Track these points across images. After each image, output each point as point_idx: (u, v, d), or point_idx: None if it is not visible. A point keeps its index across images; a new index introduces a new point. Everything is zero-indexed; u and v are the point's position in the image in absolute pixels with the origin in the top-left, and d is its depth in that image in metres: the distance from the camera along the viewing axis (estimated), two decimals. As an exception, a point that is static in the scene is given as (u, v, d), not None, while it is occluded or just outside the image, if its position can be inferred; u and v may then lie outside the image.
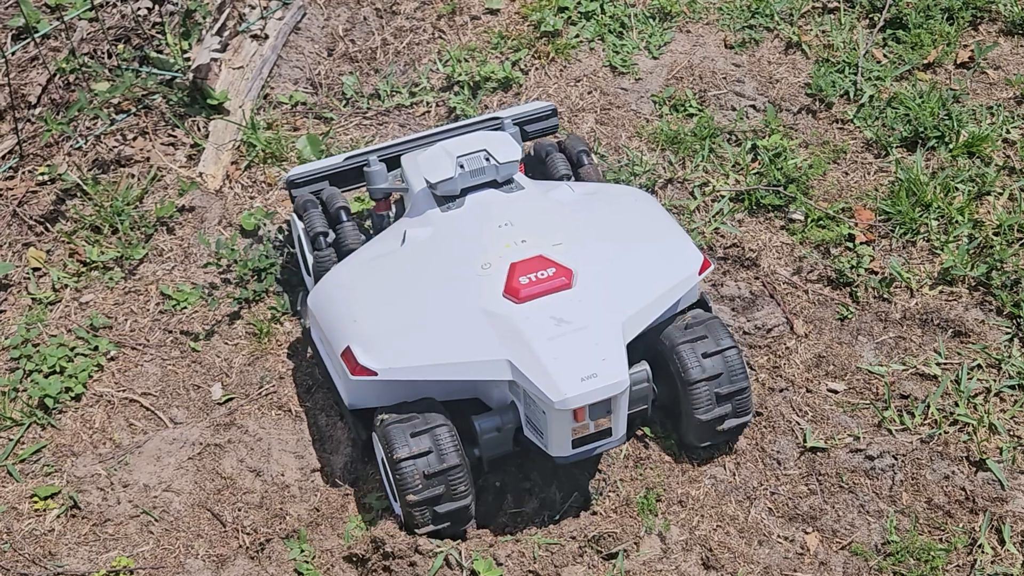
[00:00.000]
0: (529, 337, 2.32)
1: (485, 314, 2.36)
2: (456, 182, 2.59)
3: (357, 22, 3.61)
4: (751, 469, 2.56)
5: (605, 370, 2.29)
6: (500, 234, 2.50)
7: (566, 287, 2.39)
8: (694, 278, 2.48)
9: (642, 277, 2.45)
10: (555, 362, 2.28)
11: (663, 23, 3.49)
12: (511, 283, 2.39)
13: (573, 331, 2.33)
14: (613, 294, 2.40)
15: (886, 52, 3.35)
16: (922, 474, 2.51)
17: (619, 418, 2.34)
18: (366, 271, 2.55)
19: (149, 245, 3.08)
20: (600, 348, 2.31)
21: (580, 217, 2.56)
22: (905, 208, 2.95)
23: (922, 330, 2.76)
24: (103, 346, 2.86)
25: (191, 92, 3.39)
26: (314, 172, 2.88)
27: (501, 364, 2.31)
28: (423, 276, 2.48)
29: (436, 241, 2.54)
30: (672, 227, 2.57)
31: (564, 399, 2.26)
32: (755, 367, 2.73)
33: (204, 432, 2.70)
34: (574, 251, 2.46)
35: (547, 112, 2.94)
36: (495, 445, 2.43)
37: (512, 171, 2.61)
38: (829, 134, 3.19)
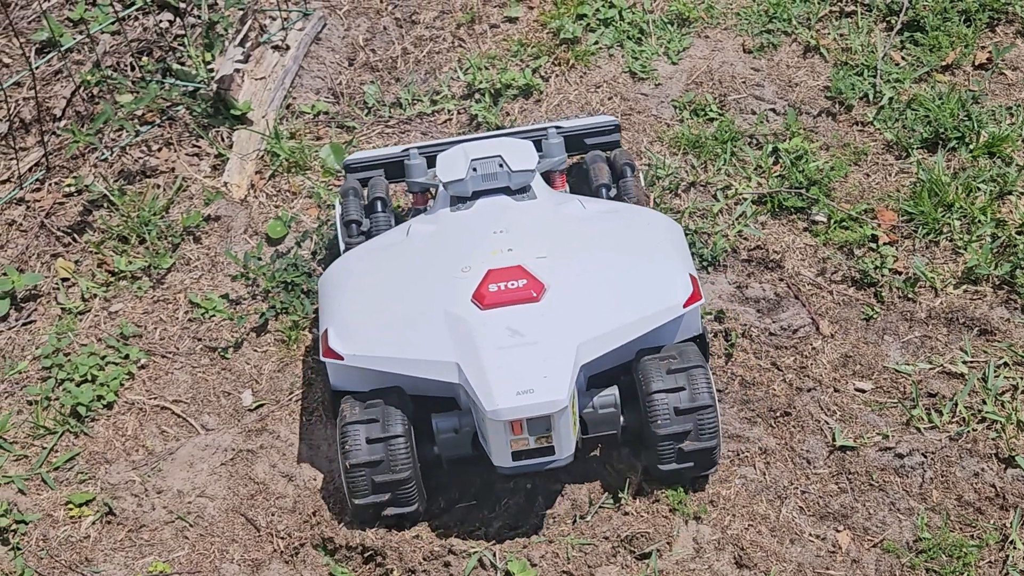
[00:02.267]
0: (480, 344, 2.34)
1: (448, 316, 2.40)
2: (467, 184, 2.64)
3: (377, 32, 3.64)
4: (781, 468, 2.57)
5: (543, 387, 2.29)
6: (491, 240, 2.54)
7: (532, 300, 2.40)
8: (676, 310, 2.44)
9: (616, 301, 2.42)
10: (496, 371, 2.31)
11: (681, 29, 3.51)
12: (480, 289, 2.42)
13: (524, 344, 2.34)
14: (578, 314, 2.39)
15: (904, 55, 3.38)
16: (952, 471, 2.53)
17: (561, 437, 2.34)
18: (366, 259, 2.64)
19: (176, 254, 3.11)
20: (546, 365, 2.32)
21: (578, 233, 2.56)
22: (927, 209, 2.97)
23: (947, 329, 2.77)
24: (133, 354, 2.88)
25: (214, 103, 3.42)
26: (371, 160, 2.94)
27: (450, 366, 2.35)
28: (408, 271, 2.54)
29: (434, 239, 2.61)
30: (673, 255, 2.52)
31: (496, 409, 2.28)
32: (782, 367, 2.75)
33: (236, 438, 2.72)
34: (555, 266, 2.46)
35: (609, 127, 2.95)
36: (452, 446, 2.45)
37: (525, 180, 2.64)
38: (849, 136, 3.21)
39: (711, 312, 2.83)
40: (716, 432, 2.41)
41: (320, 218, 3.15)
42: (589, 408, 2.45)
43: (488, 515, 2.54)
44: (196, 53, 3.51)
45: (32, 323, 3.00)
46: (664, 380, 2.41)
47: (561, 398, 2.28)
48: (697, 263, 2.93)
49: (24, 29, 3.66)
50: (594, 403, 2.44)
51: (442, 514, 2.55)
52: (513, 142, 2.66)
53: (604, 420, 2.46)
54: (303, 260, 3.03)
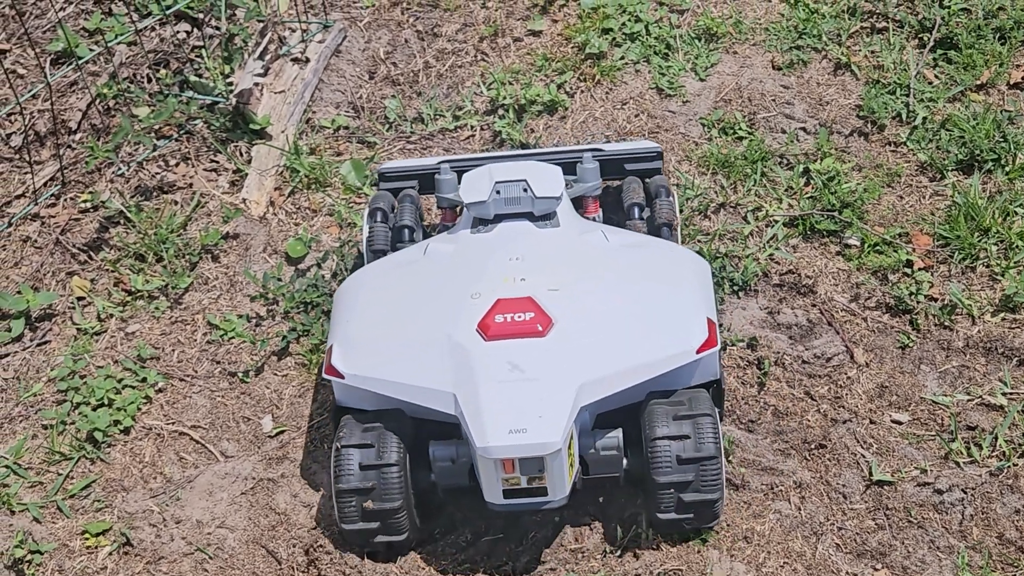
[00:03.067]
0: (479, 376, 2.28)
1: (451, 343, 2.34)
2: (489, 207, 2.58)
3: (398, 44, 3.58)
4: (816, 503, 2.50)
5: (537, 428, 2.21)
6: (505, 267, 2.47)
7: (537, 335, 2.33)
8: (687, 355, 2.35)
9: (626, 343, 2.34)
10: (491, 407, 2.24)
11: (709, 44, 3.45)
12: (487, 318, 2.35)
13: (523, 380, 2.27)
14: (583, 353, 2.31)
15: (937, 72, 3.31)
16: (992, 508, 2.46)
17: (555, 479, 2.27)
18: (381, 275, 2.59)
19: (194, 273, 3.04)
20: (543, 404, 2.24)
21: (596, 267, 2.49)
22: (963, 233, 2.90)
23: (986, 359, 2.71)
24: (151, 378, 2.82)
25: (233, 117, 3.35)
26: (405, 170, 2.89)
27: (447, 396, 2.29)
28: (419, 292, 2.49)
29: (450, 260, 2.55)
30: (693, 297, 2.43)
31: (486, 447, 2.21)
32: (816, 397, 2.68)
33: (256, 466, 2.66)
34: (566, 300, 2.39)
35: (652, 153, 2.87)
36: (449, 475, 2.38)
37: (549, 207, 2.57)
38: (882, 157, 3.14)
39: (743, 339, 2.77)
40: (719, 485, 2.32)
41: (341, 237, 3.09)
42: (591, 449, 2.37)
43: (515, 549, 2.48)
44: (214, 65, 3.45)
45: (47, 343, 2.94)
46: (669, 427, 2.33)
47: (554, 440, 2.21)
48: (727, 288, 2.86)
49: (39, 39, 3.60)
50: (596, 444, 2.36)
51: (468, 547, 2.48)
52: (540, 167, 2.59)
53: (606, 462, 2.38)
54: (323, 281, 2.97)
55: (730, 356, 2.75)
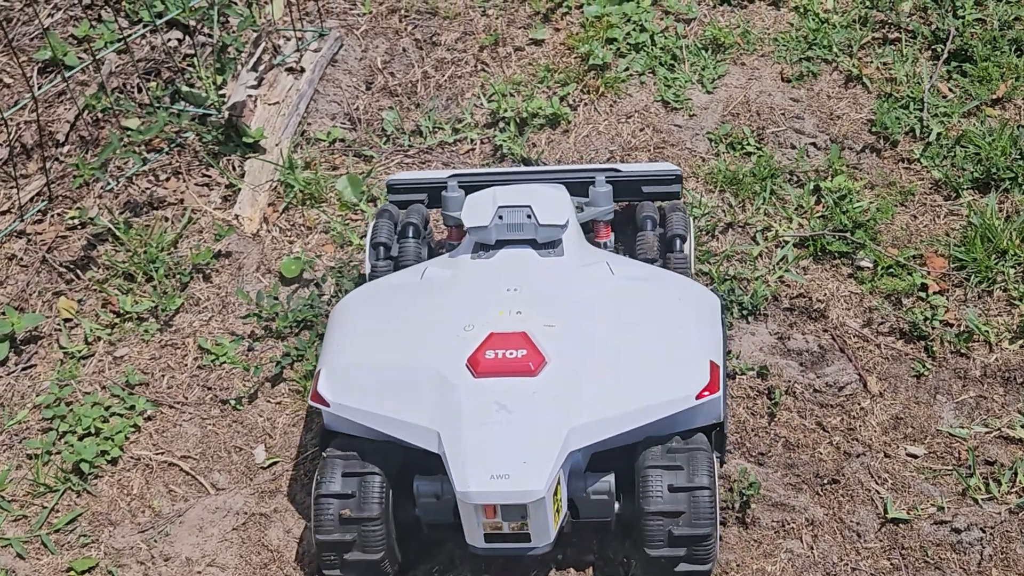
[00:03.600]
0: (465, 416, 2.18)
1: (439, 378, 2.24)
2: (491, 232, 2.48)
3: (396, 54, 3.47)
4: (829, 542, 2.41)
5: (520, 474, 2.11)
6: (502, 298, 2.37)
7: (528, 374, 2.22)
8: (686, 401, 2.22)
9: (621, 385, 2.22)
10: (475, 450, 2.14)
11: (716, 55, 3.35)
12: (477, 353, 2.25)
13: (509, 422, 2.16)
14: (576, 396, 2.20)
15: (951, 86, 3.21)
16: (1012, 548, 2.37)
17: (538, 525, 2.16)
18: (376, 297, 2.50)
19: (185, 294, 2.95)
20: (528, 449, 2.13)
21: (596, 303, 2.37)
22: (980, 256, 2.81)
23: (1004, 389, 2.61)
24: (140, 405, 2.73)
25: (226, 130, 3.25)
26: (415, 182, 2.81)
27: (431, 434, 2.19)
28: (412, 319, 2.39)
29: (446, 287, 2.46)
30: (697, 338, 2.32)
31: (466, 492, 2.11)
32: (828, 428, 2.59)
33: (248, 500, 2.56)
34: (563, 337, 2.28)
35: (670, 176, 2.75)
36: (434, 511, 2.28)
37: (552, 235, 2.47)
38: (895, 174, 3.05)
39: (753, 368, 2.67)
40: (712, 519, 2.19)
41: (337, 257, 2.99)
42: (582, 493, 2.26)
43: (516, 589, 2.39)
44: (207, 75, 3.34)
45: (32, 367, 2.84)
46: (662, 458, 2.23)
47: (537, 489, 2.11)
48: (736, 312, 2.77)
49: (25, 47, 3.50)
50: (587, 488, 2.26)
51: (468, 587, 2.39)
52: (547, 192, 2.49)
53: (596, 506, 2.27)
54: (319, 302, 2.87)
55: (739, 385, 2.65)
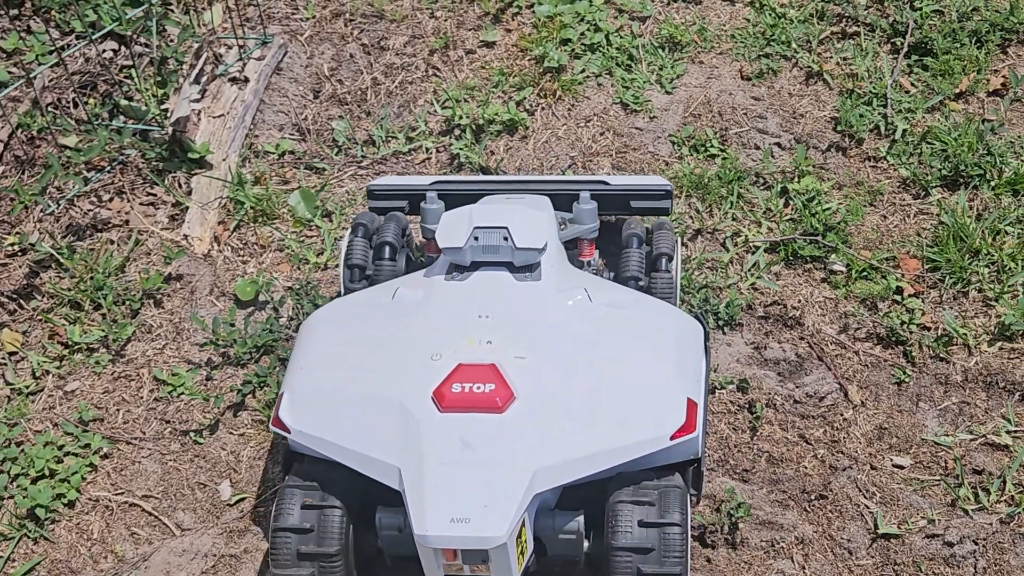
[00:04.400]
0: (426, 453, 2.08)
1: (403, 411, 2.14)
2: (466, 254, 2.37)
3: (343, 60, 3.36)
4: (821, 561, 2.36)
5: (481, 519, 2.01)
6: (472, 326, 2.26)
7: (495, 410, 2.11)
8: (659, 442, 2.12)
9: (592, 424, 2.12)
10: (435, 491, 2.04)
11: (673, 54, 3.27)
12: (443, 386, 2.14)
13: (473, 462, 2.06)
14: (543, 435, 2.10)
15: (913, 80, 3.16)
16: (1005, 559, 2.33)
17: (500, 568, 2.06)
18: (345, 317, 2.39)
19: (136, 321, 2.82)
20: (491, 492, 2.03)
21: (571, 333, 2.26)
22: (953, 256, 2.76)
23: (987, 393, 2.57)
24: (95, 443, 2.60)
25: (169, 146, 3.12)
26: (395, 188, 2.68)
27: (392, 470, 2.09)
28: (380, 344, 2.28)
29: (416, 309, 2.35)
30: (675, 372, 2.21)
31: (424, 535, 2.02)
32: (811, 441, 2.53)
33: (216, 540, 2.45)
34: (533, 371, 2.17)
35: (660, 190, 2.62)
36: (396, 543, 2.20)
37: (529, 259, 2.35)
38: (862, 173, 2.99)
39: (733, 381, 2.60)
40: (682, 558, 2.08)
41: (295, 276, 2.88)
42: (549, 531, 2.17)
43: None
44: (146, 87, 3.20)
45: (-22, 406, 2.70)
46: (633, 493, 2.14)
47: (499, 535, 2.01)
48: (712, 323, 2.70)
49: (-48, 63, 3.33)
50: (556, 525, 2.17)
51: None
52: (526, 214, 2.38)
53: (565, 544, 2.18)
54: (278, 326, 2.76)
55: (719, 400, 2.59)
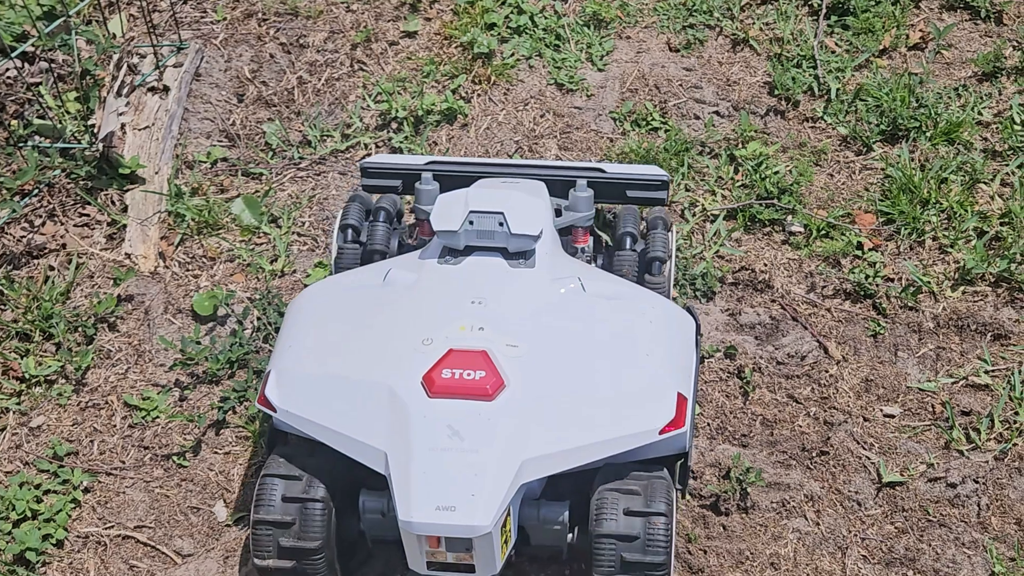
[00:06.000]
0: (413, 439, 2.06)
1: (392, 395, 2.12)
2: (460, 238, 2.34)
3: (263, 61, 3.27)
4: (833, 515, 2.40)
5: (467, 507, 2.00)
6: (464, 311, 2.24)
7: (485, 397, 2.09)
8: (648, 436, 2.11)
9: (582, 416, 2.10)
10: (422, 477, 2.03)
11: (600, 31, 3.28)
12: (433, 371, 2.12)
13: (461, 450, 2.05)
14: (532, 425, 2.08)
15: (837, 41, 3.23)
16: (1005, 494, 2.41)
17: (484, 557, 2.06)
18: (336, 297, 2.36)
19: (93, 348, 2.70)
20: (477, 481, 2.02)
21: (564, 322, 2.24)
22: (906, 208, 2.84)
23: (960, 337, 2.65)
24: (75, 477, 2.48)
25: (97, 163, 2.99)
26: (390, 167, 2.63)
27: (379, 455, 2.07)
28: (369, 327, 2.26)
29: (408, 293, 2.32)
30: (667, 366, 2.20)
31: (409, 522, 2.01)
32: (801, 400, 2.57)
33: (220, 564, 2.37)
34: (525, 359, 2.15)
35: (657, 181, 2.58)
36: (379, 527, 2.18)
37: (524, 245, 2.32)
38: (803, 135, 3.05)
39: (720, 349, 2.63)
40: (667, 548, 2.07)
41: (251, 286, 2.80)
42: (534, 520, 2.16)
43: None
44: (58, 105, 3.06)
45: (-63, 452, 2.55)
46: (620, 483, 2.13)
47: (484, 524, 1.99)
48: (691, 293, 2.72)
49: None
50: (540, 515, 2.15)
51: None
52: (523, 200, 2.35)
53: (549, 534, 2.17)
54: (247, 339, 2.67)
55: (709, 368, 2.61)
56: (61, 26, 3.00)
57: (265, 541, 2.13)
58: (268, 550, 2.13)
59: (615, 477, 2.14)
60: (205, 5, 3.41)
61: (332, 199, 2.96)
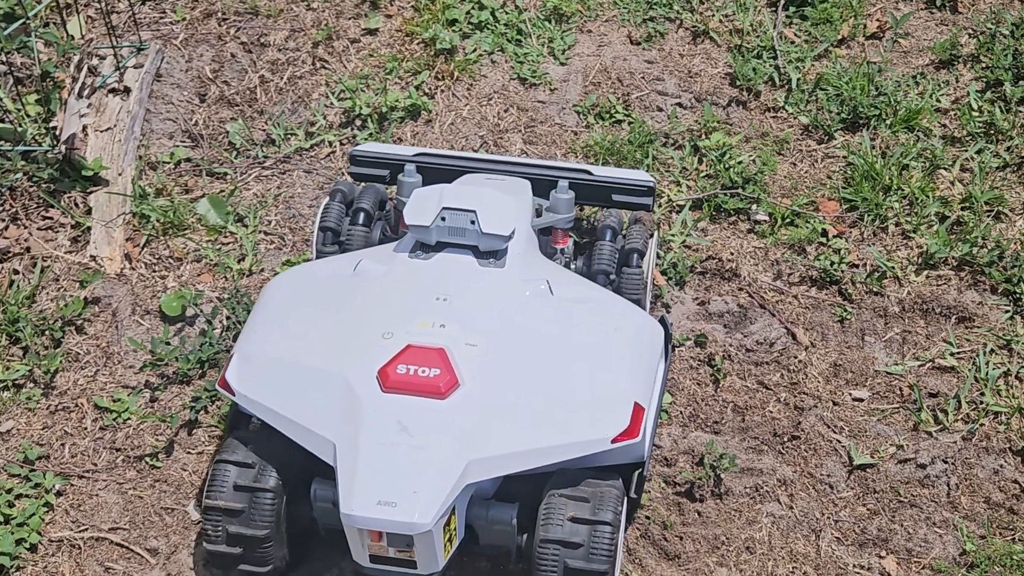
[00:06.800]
0: (362, 432, 2.07)
1: (346, 386, 2.13)
2: (431, 233, 2.35)
3: (225, 60, 3.26)
4: (806, 499, 2.42)
5: (408, 504, 2.00)
6: (428, 307, 2.25)
7: (437, 395, 2.10)
8: (599, 444, 2.10)
9: (534, 420, 2.10)
10: (366, 471, 2.03)
11: (561, 25, 3.29)
12: (389, 366, 2.13)
13: (408, 446, 2.05)
14: (483, 426, 2.08)
15: (796, 31, 3.26)
16: (974, 473, 2.45)
17: (425, 554, 2.06)
18: (306, 284, 2.38)
19: (61, 351, 2.68)
20: (421, 478, 2.02)
21: (527, 324, 2.23)
22: (868, 195, 2.87)
23: (925, 320, 2.69)
24: (47, 481, 2.47)
25: (60, 165, 2.97)
26: (380, 156, 2.64)
27: (328, 445, 2.09)
28: (333, 317, 2.28)
29: (376, 285, 2.33)
30: (626, 374, 2.19)
31: (350, 515, 2.02)
32: (771, 386, 2.60)
33: (195, 564, 2.36)
34: (482, 360, 2.15)
35: (642, 186, 2.56)
36: (329, 516, 2.19)
37: (494, 244, 2.32)
38: (765, 125, 3.08)
39: (690, 337, 2.65)
40: (610, 557, 2.06)
41: (222, 287, 2.79)
42: (482, 520, 2.16)
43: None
44: (16, 107, 3.04)
45: (-96, 460, 2.53)
46: (570, 489, 2.12)
47: (423, 522, 1.99)
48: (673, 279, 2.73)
49: None
50: (489, 516, 2.15)
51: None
52: (497, 199, 2.34)
53: (497, 535, 2.17)
54: (216, 338, 2.66)
55: (680, 357, 2.63)
56: (19, 28, 2.97)
57: (215, 527, 2.16)
58: (218, 536, 2.17)
59: (568, 483, 2.14)
60: (164, 6, 3.39)
61: (298, 197, 2.96)
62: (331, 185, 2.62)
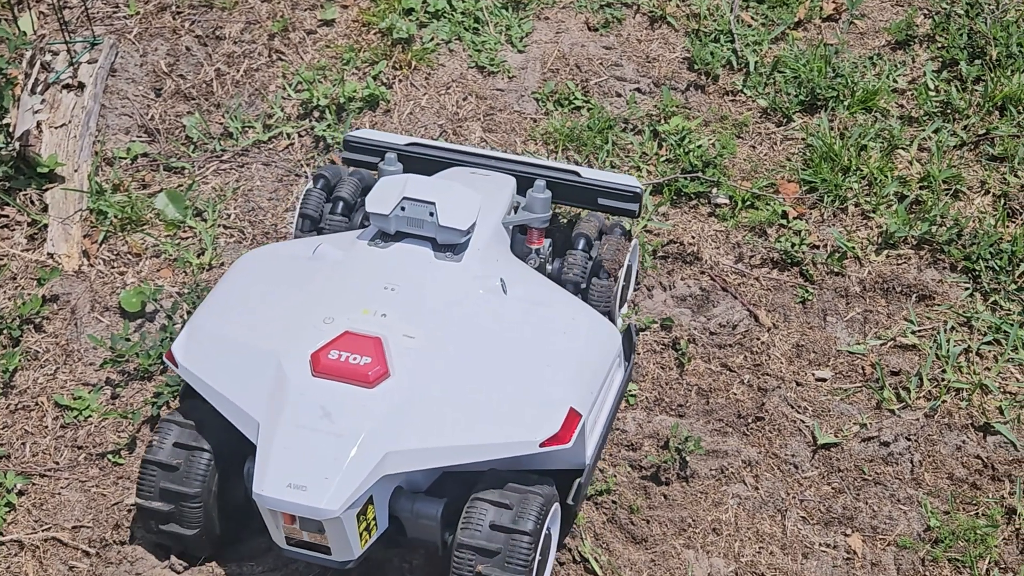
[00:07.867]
0: (284, 413, 2.07)
1: (278, 368, 2.13)
2: (391, 222, 2.34)
3: (180, 54, 3.23)
4: (771, 479, 2.43)
5: (317, 489, 1.98)
6: (374, 295, 2.24)
7: (365, 384, 2.08)
8: (527, 447, 2.05)
9: (461, 417, 2.07)
10: (281, 453, 2.03)
11: (518, 13, 3.28)
12: (322, 350, 2.13)
13: (326, 432, 2.04)
14: (407, 418, 2.06)
15: (753, 15, 3.27)
16: (937, 450, 2.46)
17: (338, 541, 2.05)
18: (268, 264, 2.39)
19: (19, 350, 2.65)
20: (335, 465, 2.01)
21: (470, 321, 2.21)
22: (828, 176, 2.88)
23: (886, 300, 2.70)
24: (8, 480, 2.44)
25: (14, 163, 2.94)
26: (373, 143, 2.65)
27: (253, 424, 2.10)
28: (283, 298, 2.29)
29: (330, 270, 2.33)
30: (565, 379, 2.14)
31: (260, 495, 2.02)
32: (734, 368, 2.60)
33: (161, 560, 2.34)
34: (418, 352, 2.13)
35: (629, 192, 2.53)
36: None
37: (451, 238, 2.30)
38: (724, 108, 3.08)
39: (656, 321, 2.65)
40: (526, 568, 2.02)
41: (182, 282, 2.77)
42: (407, 513, 2.14)
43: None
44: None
45: None
46: (495, 493, 2.09)
47: (331, 508, 1.98)
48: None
49: None
50: (414, 509, 2.13)
51: None
52: (459, 193, 2.32)
53: (422, 529, 2.15)
54: (177, 334, 2.64)
55: (645, 341, 2.63)
56: (-29, 25, 2.94)
57: (150, 481, 2.18)
58: (151, 491, 2.19)
59: (496, 484, 2.10)
60: (117, 0, 3.36)
61: (257, 190, 2.94)
62: (315, 169, 2.62)
